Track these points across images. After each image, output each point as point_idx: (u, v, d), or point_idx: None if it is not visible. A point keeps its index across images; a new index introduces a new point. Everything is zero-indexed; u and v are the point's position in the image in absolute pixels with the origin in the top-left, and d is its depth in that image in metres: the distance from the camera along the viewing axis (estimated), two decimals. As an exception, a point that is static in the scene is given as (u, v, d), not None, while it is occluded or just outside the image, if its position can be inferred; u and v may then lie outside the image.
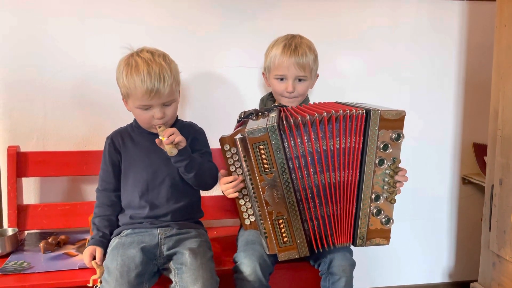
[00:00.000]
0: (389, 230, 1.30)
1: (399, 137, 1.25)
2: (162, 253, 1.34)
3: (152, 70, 1.31)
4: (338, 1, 1.89)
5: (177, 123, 1.49)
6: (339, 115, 1.24)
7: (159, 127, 1.34)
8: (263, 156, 1.21)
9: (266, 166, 1.22)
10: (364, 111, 1.24)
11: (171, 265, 1.31)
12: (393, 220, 1.30)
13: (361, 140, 1.25)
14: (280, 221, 1.25)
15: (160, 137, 1.29)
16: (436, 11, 1.97)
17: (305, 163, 1.25)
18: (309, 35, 1.59)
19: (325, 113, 1.23)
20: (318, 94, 1.74)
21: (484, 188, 1.87)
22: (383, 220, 1.29)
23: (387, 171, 1.27)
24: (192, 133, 1.48)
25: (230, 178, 1.33)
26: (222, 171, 1.40)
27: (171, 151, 1.27)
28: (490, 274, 1.81)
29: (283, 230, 1.26)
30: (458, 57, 2.02)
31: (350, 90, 1.92)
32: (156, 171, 1.42)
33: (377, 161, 1.26)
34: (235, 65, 1.84)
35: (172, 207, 1.42)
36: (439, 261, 2.17)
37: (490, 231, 1.80)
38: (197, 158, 1.40)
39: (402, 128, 1.25)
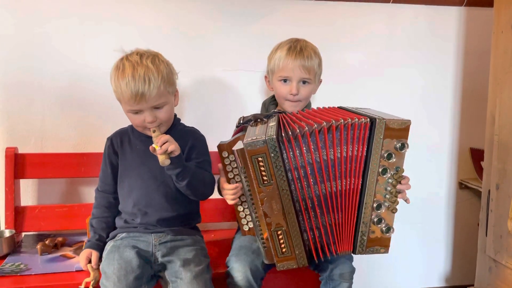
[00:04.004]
0: (389, 239, 1.29)
1: (403, 146, 1.23)
2: (157, 260, 1.33)
3: (136, 73, 1.27)
4: (336, 6, 1.89)
5: (179, 128, 1.45)
6: (341, 124, 1.20)
7: (153, 131, 1.31)
8: (262, 169, 1.18)
9: (264, 178, 1.19)
10: (369, 119, 1.21)
11: (166, 276, 1.30)
12: (393, 229, 1.28)
13: (365, 149, 1.23)
14: (279, 232, 1.23)
15: (153, 145, 1.24)
16: (433, 16, 1.98)
17: (304, 174, 1.22)
18: (307, 39, 1.58)
19: (325, 122, 1.20)
20: (316, 98, 1.75)
21: (481, 193, 1.87)
22: (384, 228, 1.27)
23: (389, 180, 1.25)
24: (192, 140, 1.43)
25: (231, 186, 1.30)
26: (220, 165, 1.35)
27: (164, 162, 1.23)
28: (487, 278, 1.82)
29: (281, 241, 1.24)
30: (455, 62, 2.03)
31: (347, 95, 1.92)
32: (150, 178, 1.39)
33: (380, 170, 1.24)
34: (233, 69, 1.84)
35: (166, 215, 1.39)
36: (435, 265, 2.17)
37: (486, 236, 1.80)
38: (191, 167, 1.35)
39: (406, 138, 1.23)
